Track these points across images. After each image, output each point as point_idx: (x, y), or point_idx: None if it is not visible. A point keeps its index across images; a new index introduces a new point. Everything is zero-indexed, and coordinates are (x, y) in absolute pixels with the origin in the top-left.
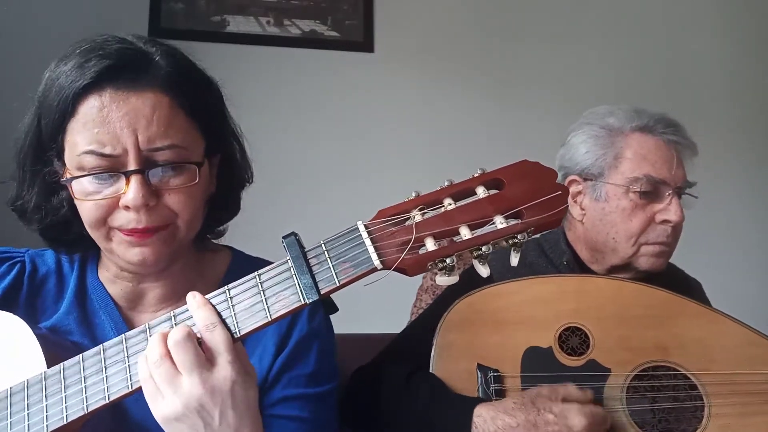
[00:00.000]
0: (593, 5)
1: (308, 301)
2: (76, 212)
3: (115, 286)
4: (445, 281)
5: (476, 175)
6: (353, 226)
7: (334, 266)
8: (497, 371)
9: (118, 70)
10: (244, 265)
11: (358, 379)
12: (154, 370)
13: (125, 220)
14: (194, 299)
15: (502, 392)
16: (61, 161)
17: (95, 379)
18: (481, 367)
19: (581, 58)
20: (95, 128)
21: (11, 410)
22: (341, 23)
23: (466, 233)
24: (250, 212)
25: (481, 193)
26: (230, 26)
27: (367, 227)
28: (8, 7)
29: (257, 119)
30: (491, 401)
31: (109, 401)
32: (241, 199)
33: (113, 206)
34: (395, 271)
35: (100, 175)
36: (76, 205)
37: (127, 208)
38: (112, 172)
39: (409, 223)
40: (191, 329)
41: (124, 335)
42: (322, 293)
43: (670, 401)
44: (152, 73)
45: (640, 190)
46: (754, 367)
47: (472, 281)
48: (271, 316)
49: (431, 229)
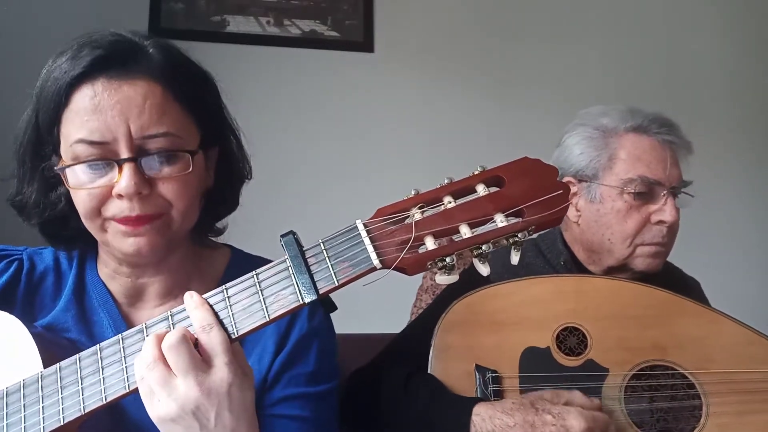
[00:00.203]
0: (593, 5)
1: (307, 300)
2: (73, 207)
3: (114, 282)
4: (444, 280)
5: (476, 172)
6: (352, 225)
7: (332, 266)
8: (495, 372)
9: (110, 59)
10: (243, 263)
11: (357, 379)
12: (147, 373)
13: (118, 209)
14: (191, 299)
15: (500, 393)
16: (58, 155)
17: (92, 379)
18: (479, 368)
19: (581, 58)
20: (86, 117)
21: (7, 411)
22: (341, 23)
23: (466, 232)
24: (250, 212)
25: (481, 191)
26: (230, 26)
27: (366, 226)
28: (8, 7)
29: (257, 119)
30: (490, 401)
31: (106, 402)
32: (239, 194)
33: (107, 195)
34: (395, 270)
35: (93, 164)
36: (72, 198)
37: (120, 196)
38: (104, 160)
39: (408, 221)
40: (187, 332)
41: (120, 335)
42: (320, 293)
43: (668, 400)
44: (145, 62)
45: (634, 191)
46: (752, 366)
47: (471, 281)
48: (269, 316)
49: (431, 227)
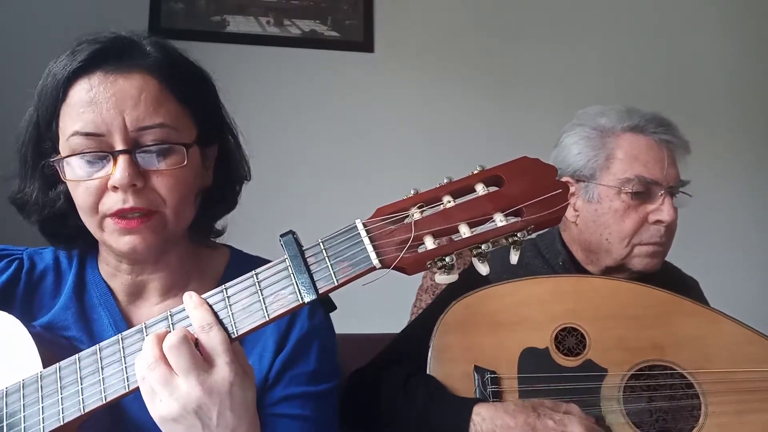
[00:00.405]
0: (593, 5)
1: (306, 300)
2: (72, 205)
3: (115, 280)
4: (444, 280)
5: (475, 172)
6: (351, 224)
7: (332, 265)
8: (494, 373)
9: (106, 54)
10: (242, 263)
11: (357, 379)
12: (148, 373)
13: (113, 201)
14: (191, 299)
15: (499, 394)
16: (57, 151)
17: (92, 379)
18: (478, 368)
19: (581, 58)
20: (82, 109)
21: (7, 411)
22: (341, 23)
23: (465, 231)
24: (249, 212)
25: (480, 190)
26: (230, 26)
27: (365, 226)
28: (8, 7)
29: (257, 119)
30: (491, 402)
31: (105, 402)
32: (238, 194)
33: (103, 189)
34: (394, 270)
35: (90, 159)
36: (71, 195)
37: (115, 188)
38: (99, 152)
39: (408, 221)
40: (187, 332)
41: (120, 335)
42: (320, 293)
43: (667, 400)
44: (141, 57)
45: (632, 191)
46: (751, 365)
47: (471, 280)
48: (269, 315)
49: (430, 227)
